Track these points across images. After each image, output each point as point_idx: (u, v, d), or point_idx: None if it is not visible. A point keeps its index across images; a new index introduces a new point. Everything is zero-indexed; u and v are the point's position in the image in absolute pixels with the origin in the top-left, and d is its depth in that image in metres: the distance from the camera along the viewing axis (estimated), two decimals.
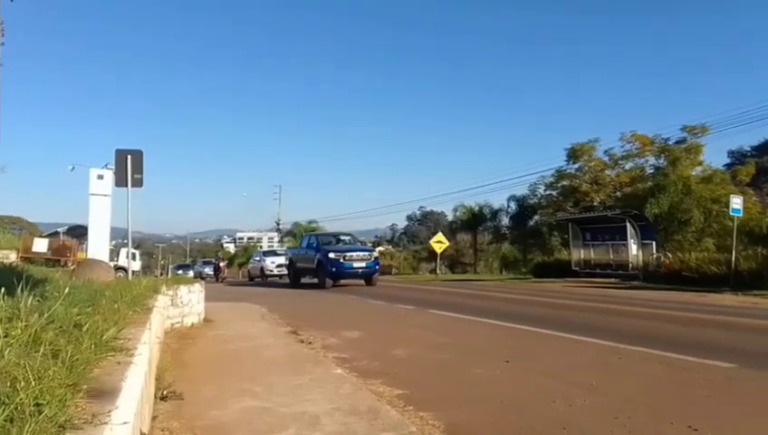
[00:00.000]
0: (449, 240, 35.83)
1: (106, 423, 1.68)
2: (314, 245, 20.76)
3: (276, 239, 60.05)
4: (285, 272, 25.59)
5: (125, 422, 1.80)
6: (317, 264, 19.60)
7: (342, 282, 20.07)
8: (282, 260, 27.26)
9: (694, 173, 29.23)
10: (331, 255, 19.04)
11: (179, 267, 54.11)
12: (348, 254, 19.12)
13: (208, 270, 43.79)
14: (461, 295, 15.78)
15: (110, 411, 1.76)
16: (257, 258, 31.33)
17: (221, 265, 39.09)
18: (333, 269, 18.81)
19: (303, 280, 22.11)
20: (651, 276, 20.40)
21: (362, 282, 20.10)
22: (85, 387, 1.98)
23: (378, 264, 20.57)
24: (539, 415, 4.19)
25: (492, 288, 19.23)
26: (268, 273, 27.94)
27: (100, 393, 1.96)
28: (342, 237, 22.16)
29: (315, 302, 14.68)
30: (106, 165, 10.64)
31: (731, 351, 6.44)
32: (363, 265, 19.06)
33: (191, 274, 45.08)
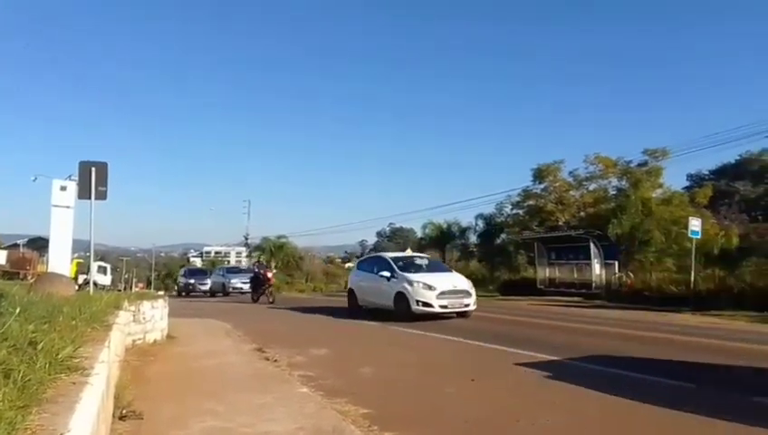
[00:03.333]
0: None
1: None
2: None
3: (244, 254, 59.21)
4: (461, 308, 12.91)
5: None
6: None
7: (297, 299, 19.87)
8: (453, 284, 13.29)
9: (654, 195, 30.00)
10: None
11: (192, 274, 35.79)
12: None
13: (238, 281, 29.04)
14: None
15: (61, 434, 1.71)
16: (385, 274, 13.94)
17: (269, 274, 21.90)
18: None
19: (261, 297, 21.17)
20: (614, 295, 20.79)
21: (313, 299, 19.14)
22: (36, 409, 1.91)
23: None
24: (503, 434, 4.21)
25: None
26: (422, 310, 12.65)
27: (52, 416, 1.90)
28: None
29: (282, 319, 14.51)
30: (69, 176, 10.40)
31: (689, 370, 6.60)
32: None
33: (208, 284, 31.72)
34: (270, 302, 20.19)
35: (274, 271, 25.94)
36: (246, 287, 26.52)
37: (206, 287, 31.72)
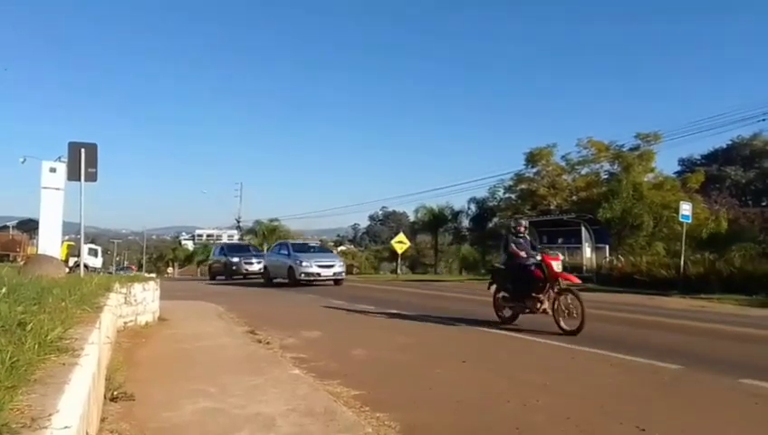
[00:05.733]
0: (410, 241, 36.07)
1: (46, 428, 1.61)
2: None
3: (237, 237, 59.05)
4: None
5: (66, 427, 1.73)
6: None
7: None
8: None
9: (646, 179, 30.16)
10: None
11: (233, 251, 28.15)
12: None
13: (313, 265, 19.15)
14: (420, 296, 15.88)
15: (50, 415, 1.69)
16: None
17: (554, 262, 8.51)
18: None
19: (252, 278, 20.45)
20: (604, 279, 20.93)
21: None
22: (25, 389, 1.90)
23: None
24: (494, 415, 4.25)
25: (450, 289, 19.39)
26: None
27: (41, 396, 1.88)
28: None
29: (275, 301, 14.52)
30: (59, 158, 10.29)
31: (678, 353, 6.67)
32: None
33: (255, 265, 24.86)
34: (574, 329, 8.00)
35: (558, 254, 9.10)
36: (326, 273, 19.08)
37: (255, 268, 24.74)
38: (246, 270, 25.03)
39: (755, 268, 16.40)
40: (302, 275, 18.81)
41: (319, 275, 18.96)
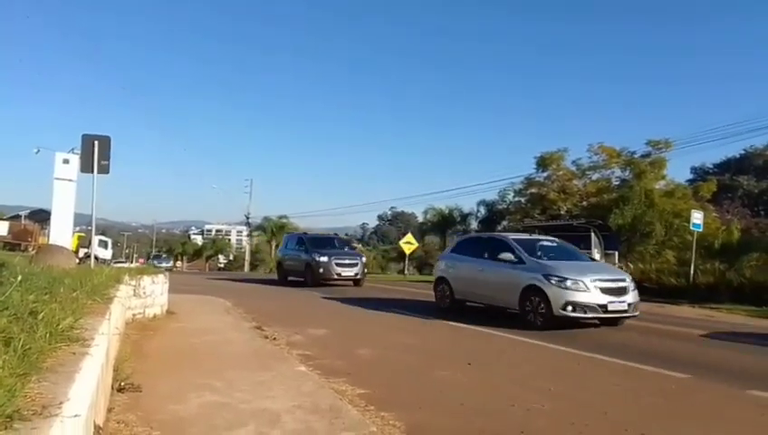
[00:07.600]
0: (419, 241, 36.04)
1: (56, 416, 1.63)
2: None
3: (245, 233, 59.26)
4: None
5: (76, 415, 1.75)
6: None
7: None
8: None
9: (657, 187, 29.91)
10: None
11: (316, 245, 19.46)
12: None
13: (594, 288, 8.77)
14: (427, 297, 15.84)
15: (61, 403, 1.71)
16: None
17: None
18: None
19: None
20: None
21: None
22: (36, 377, 1.92)
23: None
24: (498, 418, 4.24)
25: None
26: None
27: (52, 384, 1.90)
28: None
29: (282, 298, 14.57)
30: (72, 149, 10.36)
31: (685, 361, 6.62)
32: None
33: (349, 268, 18.51)
34: None
35: None
36: (617, 305, 8.92)
37: (351, 273, 18.53)
38: (339, 274, 18.26)
39: (766, 279, 16.22)
40: (568, 306, 8.82)
41: (605, 307, 8.91)
